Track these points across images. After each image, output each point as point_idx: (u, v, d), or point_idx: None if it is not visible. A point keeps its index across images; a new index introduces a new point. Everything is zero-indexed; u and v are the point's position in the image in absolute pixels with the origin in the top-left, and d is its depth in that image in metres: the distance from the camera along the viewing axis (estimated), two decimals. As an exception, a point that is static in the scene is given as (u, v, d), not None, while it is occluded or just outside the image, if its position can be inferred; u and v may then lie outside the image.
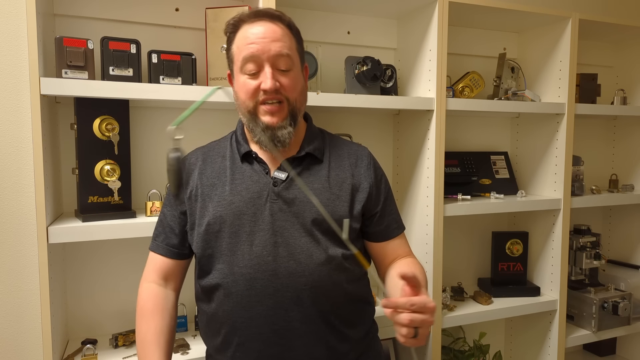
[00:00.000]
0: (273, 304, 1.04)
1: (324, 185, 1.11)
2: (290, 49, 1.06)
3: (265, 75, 1.03)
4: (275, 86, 1.03)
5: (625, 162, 2.36)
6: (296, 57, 1.08)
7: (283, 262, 1.05)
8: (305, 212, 1.07)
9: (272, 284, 1.04)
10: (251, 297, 1.05)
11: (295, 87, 1.07)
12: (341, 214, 1.10)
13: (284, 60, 1.04)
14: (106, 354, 1.40)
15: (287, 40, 1.06)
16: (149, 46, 1.50)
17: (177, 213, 1.15)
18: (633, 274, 2.19)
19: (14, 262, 1.44)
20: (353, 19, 1.83)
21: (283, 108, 1.06)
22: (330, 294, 1.08)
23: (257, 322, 1.05)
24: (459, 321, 1.77)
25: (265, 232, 1.06)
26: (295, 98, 1.07)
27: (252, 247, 1.05)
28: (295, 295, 1.04)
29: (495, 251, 1.99)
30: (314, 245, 1.07)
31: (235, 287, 1.05)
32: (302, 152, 1.13)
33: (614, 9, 2.37)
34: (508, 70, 1.95)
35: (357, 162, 1.18)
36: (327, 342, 1.08)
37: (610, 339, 2.32)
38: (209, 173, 1.13)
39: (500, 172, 2.06)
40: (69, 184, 1.48)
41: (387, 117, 1.93)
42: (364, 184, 1.15)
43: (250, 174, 1.11)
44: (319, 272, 1.06)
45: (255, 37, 1.03)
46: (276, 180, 1.09)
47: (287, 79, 1.05)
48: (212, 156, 1.17)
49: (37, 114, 1.19)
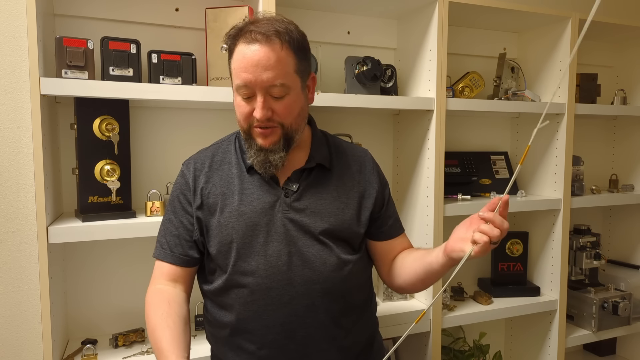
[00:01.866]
0: (289, 312, 1.05)
1: (333, 194, 1.13)
2: (285, 75, 1.01)
3: (257, 105, 1.01)
4: (267, 116, 1.02)
5: (625, 162, 2.36)
6: (293, 80, 1.03)
7: (298, 271, 1.06)
8: (317, 222, 1.09)
9: (287, 293, 1.05)
10: (267, 306, 1.06)
11: (290, 113, 1.04)
12: (350, 222, 1.12)
13: (277, 90, 1.01)
14: (106, 354, 1.40)
15: (282, 67, 1.00)
16: (149, 46, 1.50)
17: (185, 220, 1.13)
18: (633, 274, 2.19)
19: (14, 262, 1.44)
20: (353, 19, 1.83)
21: (276, 132, 1.05)
22: (341, 299, 1.10)
23: (273, 330, 1.06)
24: (459, 321, 1.77)
25: (279, 243, 1.07)
26: (290, 122, 1.05)
27: (267, 257, 1.06)
28: (310, 302, 1.06)
29: (495, 251, 1.98)
30: (327, 253, 1.08)
31: (251, 297, 1.06)
32: (312, 163, 1.13)
33: (614, 9, 2.37)
34: (508, 70, 1.95)
35: (361, 168, 1.19)
36: (340, 346, 1.10)
37: (610, 339, 2.32)
38: (217, 181, 1.12)
39: (500, 172, 2.06)
40: (69, 184, 1.48)
41: (387, 117, 1.93)
42: (369, 190, 1.17)
43: (259, 183, 1.10)
44: (333, 278, 1.08)
45: (249, 63, 0.99)
46: (287, 191, 1.10)
47: (280, 106, 1.03)
48: (217, 161, 1.15)
49: (37, 114, 1.19)
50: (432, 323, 1.69)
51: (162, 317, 1.04)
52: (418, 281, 1.15)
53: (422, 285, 1.17)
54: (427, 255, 1.12)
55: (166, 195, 1.49)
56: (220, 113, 1.65)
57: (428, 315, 1.69)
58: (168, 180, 1.57)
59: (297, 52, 1.04)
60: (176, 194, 1.15)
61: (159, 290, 1.11)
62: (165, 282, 1.12)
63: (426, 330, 1.70)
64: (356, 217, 1.13)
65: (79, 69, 1.27)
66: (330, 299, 1.08)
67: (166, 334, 1.01)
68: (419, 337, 1.76)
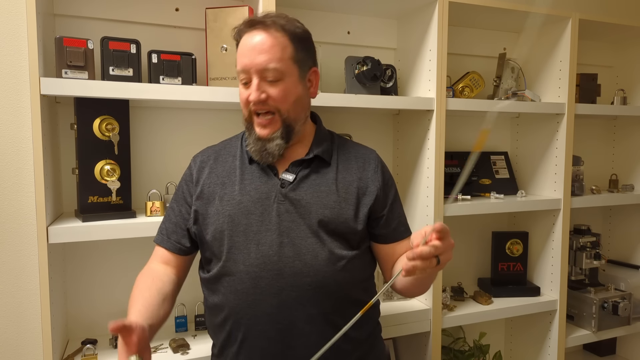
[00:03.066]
0: (277, 303, 1.06)
1: (331, 188, 1.13)
2: (279, 60, 1.04)
3: (252, 87, 1.06)
4: (260, 98, 1.05)
5: (625, 162, 2.36)
6: (289, 67, 1.06)
7: (288, 262, 1.06)
8: (312, 213, 1.09)
9: (277, 283, 1.06)
10: (256, 295, 1.06)
11: (285, 99, 1.07)
12: (347, 216, 1.12)
13: (271, 73, 1.05)
14: (106, 354, 1.40)
15: (276, 52, 1.04)
16: (149, 46, 1.50)
17: (183, 210, 1.17)
18: (633, 274, 2.19)
19: (14, 262, 1.44)
20: (353, 19, 1.83)
21: (275, 120, 1.08)
22: (334, 295, 1.09)
23: (261, 320, 1.06)
24: (459, 321, 1.77)
25: (272, 232, 1.08)
26: (287, 109, 1.08)
27: (259, 246, 1.07)
28: (300, 295, 1.06)
29: (495, 251, 1.99)
30: (320, 246, 1.08)
31: (241, 285, 1.07)
32: (310, 155, 1.15)
33: (614, 9, 2.37)
34: (508, 70, 1.95)
35: (364, 166, 1.19)
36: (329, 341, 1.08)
37: (610, 339, 2.32)
38: (220, 172, 1.16)
39: (500, 172, 2.06)
40: (69, 184, 1.48)
41: (387, 117, 1.93)
42: (370, 187, 1.17)
43: (259, 174, 1.13)
44: (324, 272, 1.07)
45: (247, 48, 1.06)
46: (284, 182, 1.11)
47: (275, 90, 1.06)
48: (223, 155, 1.19)
49: (37, 114, 1.19)
50: (432, 323, 1.69)
51: (140, 290, 1.08)
52: (411, 286, 1.16)
53: (416, 290, 1.18)
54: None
55: (166, 195, 1.49)
56: (220, 113, 1.65)
57: (428, 315, 1.69)
58: (168, 180, 1.57)
59: (295, 42, 1.08)
60: (181, 184, 1.21)
61: (149, 268, 1.16)
62: (157, 263, 1.17)
63: (426, 330, 1.70)
64: (354, 212, 1.13)
65: (79, 69, 1.27)
66: (321, 294, 1.07)
67: (138, 304, 1.04)
68: (419, 337, 1.75)
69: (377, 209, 1.17)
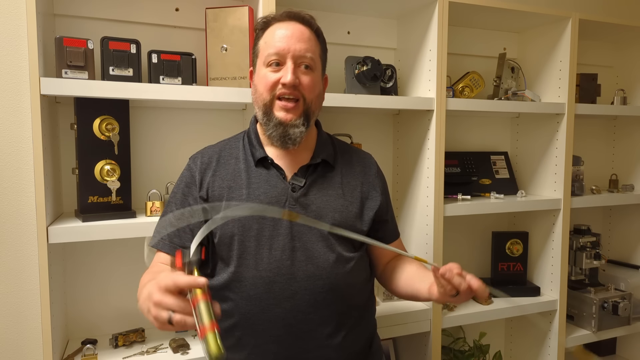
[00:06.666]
0: (291, 307, 1.06)
1: (338, 192, 1.15)
2: (314, 52, 1.11)
3: (286, 70, 1.07)
4: (295, 82, 1.07)
5: (625, 162, 2.36)
6: (318, 62, 1.13)
7: (301, 266, 1.07)
8: (323, 217, 1.10)
9: (290, 287, 1.06)
10: (269, 300, 1.06)
11: (313, 88, 1.11)
12: (354, 219, 1.14)
13: (307, 61, 1.09)
14: (106, 354, 1.40)
15: (312, 45, 1.11)
16: (149, 46, 1.50)
17: None
18: (633, 274, 2.19)
19: (14, 262, 1.44)
20: (353, 19, 1.83)
21: (298, 106, 1.10)
22: (345, 296, 1.10)
23: (275, 325, 1.06)
24: (459, 321, 1.77)
25: (284, 237, 1.08)
26: (311, 99, 1.11)
27: (272, 251, 1.07)
28: (313, 298, 1.07)
29: (495, 251, 1.99)
30: (329, 249, 1.09)
31: (254, 290, 1.07)
32: (317, 159, 1.16)
33: (614, 9, 2.37)
34: (508, 70, 1.95)
35: (365, 170, 1.22)
36: (340, 344, 1.10)
37: (610, 339, 2.32)
38: (224, 175, 1.14)
39: (500, 172, 2.06)
40: (69, 184, 1.48)
41: (387, 117, 1.93)
42: (373, 192, 1.20)
43: (267, 178, 1.12)
44: (335, 274, 1.09)
45: (284, 34, 1.09)
46: (295, 186, 1.12)
47: (307, 78, 1.09)
48: (224, 157, 1.17)
49: (37, 114, 1.19)
50: (432, 323, 1.69)
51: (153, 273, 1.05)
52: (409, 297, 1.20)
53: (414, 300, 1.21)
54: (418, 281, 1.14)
55: (166, 195, 1.49)
56: (220, 113, 1.65)
57: (428, 315, 1.69)
58: (168, 180, 1.57)
59: (322, 45, 1.16)
60: (181, 186, 1.16)
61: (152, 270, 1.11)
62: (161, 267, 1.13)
63: (426, 330, 1.70)
64: (359, 215, 1.15)
65: (79, 69, 1.27)
66: (333, 296, 1.08)
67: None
68: (419, 337, 1.75)
69: (381, 214, 1.21)
